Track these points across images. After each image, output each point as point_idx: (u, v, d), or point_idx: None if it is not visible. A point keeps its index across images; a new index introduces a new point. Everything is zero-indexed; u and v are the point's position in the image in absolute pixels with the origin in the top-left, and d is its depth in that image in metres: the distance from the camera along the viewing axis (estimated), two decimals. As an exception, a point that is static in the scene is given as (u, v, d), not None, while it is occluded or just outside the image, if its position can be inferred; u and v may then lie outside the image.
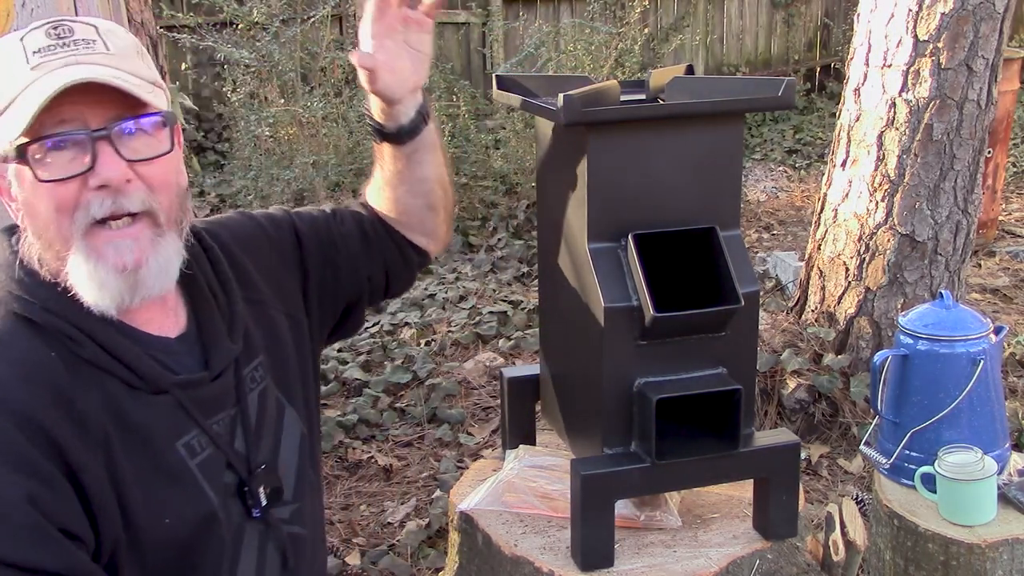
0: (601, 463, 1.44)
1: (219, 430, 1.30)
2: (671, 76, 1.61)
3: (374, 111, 1.52)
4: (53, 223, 1.18)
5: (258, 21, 5.66)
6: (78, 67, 1.17)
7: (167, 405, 1.25)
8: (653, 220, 1.41)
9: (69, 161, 1.17)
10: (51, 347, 1.19)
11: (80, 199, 1.17)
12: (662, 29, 8.42)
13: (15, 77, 1.17)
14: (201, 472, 1.27)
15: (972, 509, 1.80)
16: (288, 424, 1.42)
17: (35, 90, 1.15)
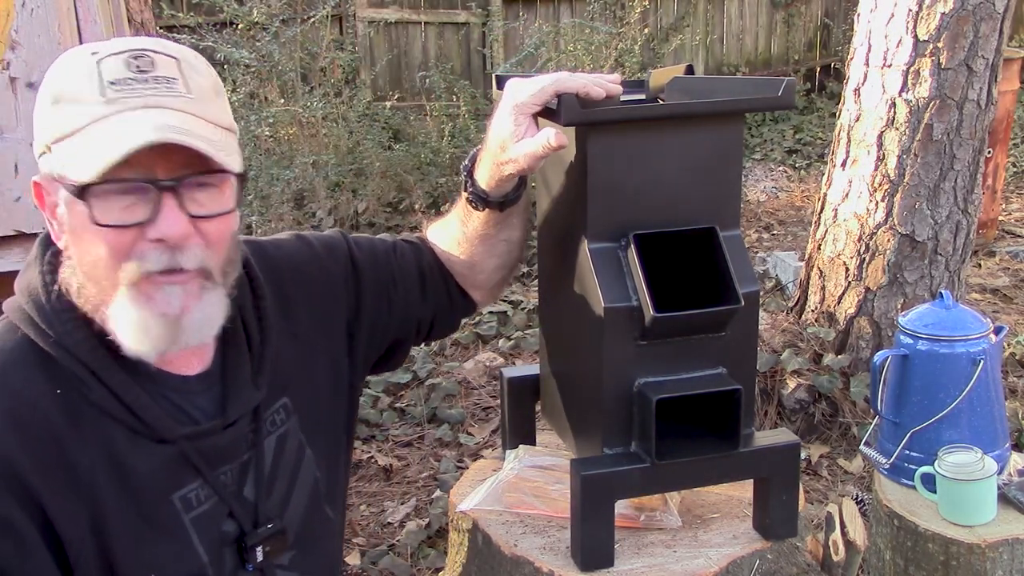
0: (601, 463, 1.44)
1: (226, 480, 1.27)
2: (671, 76, 1.61)
3: (483, 179, 1.43)
4: (103, 266, 1.13)
5: (258, 21, 5.66)
6: (158, 112, 1.11)
7: (169, 455, 1.21)
8: (653, 220, 1.41)
9: (129, 208, 1.11)
10: (57, 383, 1.16)
11: (135, 248, 1.12)
12: (662, 29, 8.42)
13: (86, 102, 1.11)
14: (195, 527, 1.23)
15: (972, 509, 1.80)
16: (304, 469, 1.38)
17: (109, 132, 1.09)
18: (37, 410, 1.14)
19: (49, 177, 1.15)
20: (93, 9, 2.33)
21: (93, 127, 1.10)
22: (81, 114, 1.11)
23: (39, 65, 2.14)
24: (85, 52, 1.14)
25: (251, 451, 1.30)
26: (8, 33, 2.10)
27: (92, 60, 1.13)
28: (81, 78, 1.12)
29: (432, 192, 5.89)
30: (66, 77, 1.13)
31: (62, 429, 1.15)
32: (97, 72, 1.12)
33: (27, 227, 2.17)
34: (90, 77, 1.12)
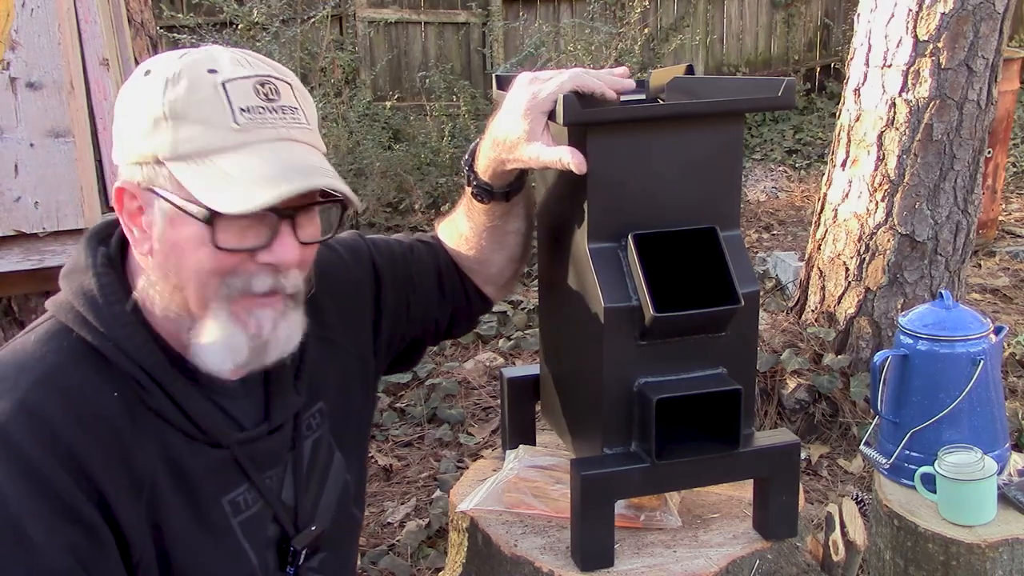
0: (601, 463, 1.43)
1: (271, 484, 1.29)
2: (671, 76, 1.61)
3: (486, 172, 1.44)
4: (200, 282, 1.14)
5: (258, 21, 5.66)
6: (292, 148, 1.14)
7: (221, 459, 1.22)
8: (653, 220, 1.41)
9: (247, 231, 1.13)
10: (114, 386, 1.16)
11: (240, 268, 1.14)
12: (662, 29, 8.42)
13: (216, 126, 1.11)
14: (243, 530, 1.25)
15: (972, 509, 1.80)
16: (334, 472, 1.39)
17: (253, 169, 1.10)
18: (99, 409, 1.14)
19: (145, 187, 1.14)
20: (93, 9, 2.33)
21: (229, 156, 1.11)
22: (212, 138, 1.11)
23: (39, 65, 2.14)
24: (201, 69, 1.13)
25: (290, 455, 1.32)
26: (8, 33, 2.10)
27: (214, 80, 1.12)
28: (206, 99, 1.12)
29: (432, 192, 5.90)
30: (185, 94, 1.12)
31: (123, 430, 1.15)
32: (225, 96, 1.12)
33: (27, 227, 2.17)
34: (217, 100, 1.12)
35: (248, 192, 1.09)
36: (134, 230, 1.17)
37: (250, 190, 1.09)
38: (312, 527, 1.33)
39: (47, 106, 2.15)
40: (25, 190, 2.15)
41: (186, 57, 1.15)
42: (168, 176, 1.12)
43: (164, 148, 1.12)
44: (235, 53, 1.18)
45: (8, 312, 2.56)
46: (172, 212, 1.13)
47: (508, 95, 1.40)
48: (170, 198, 1.12)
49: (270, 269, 1.15)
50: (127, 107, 1.16)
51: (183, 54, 1.17)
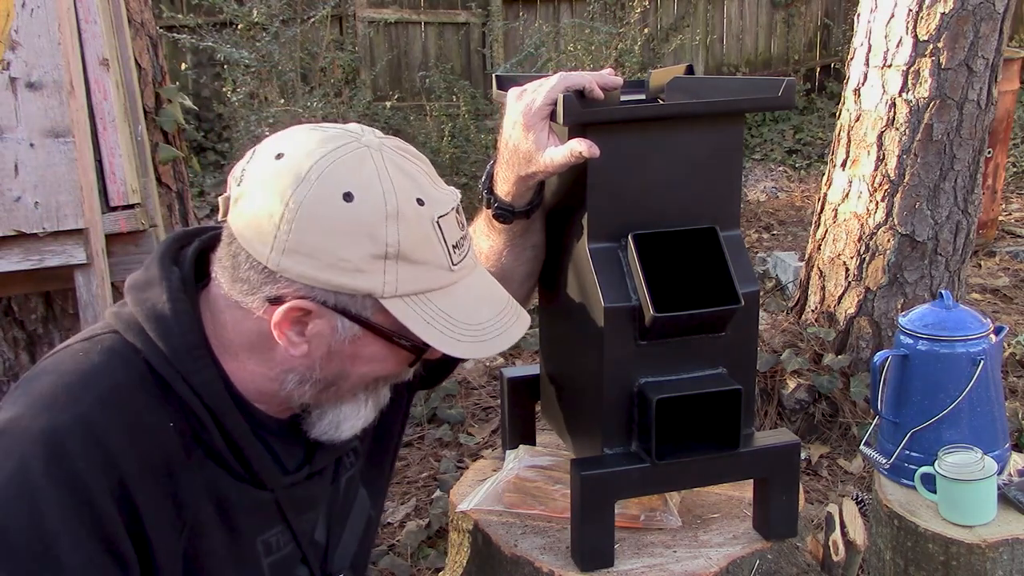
0: (601, 463, 1.44)
1: (305, 527, 1.29)
2: (671, 76, 1.61)
3: (508, 193, 1.44)
4: (363, 384, 1.21)
5: (258, 21, 5.66)
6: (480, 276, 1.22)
7: (264, 501, 1.23)
8: (653, 220, 1.41)
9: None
10: (172, 416, 1.14)
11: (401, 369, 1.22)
12: (662, 29, 8.43)
13: (435, 267, 1.14)
14: (271, 571, 1.26)
15: (972, 509, 1.80)
16: (357, 508, 1.41)
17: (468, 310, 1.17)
18: (156, 438, 1.13)
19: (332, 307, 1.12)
20: (93, 9, 2.33)
21: (443, 295, 1.15)
22: (432, 279, 1.14)
23: (39, 65, 2.14)
24: (411, 199, 1.11)
25: (326, 494, 1.33)
26: (8, 33, 2.10)
27: (430, 216, 1.13)
28: (427, 240, 1.12)
29: (432, 192, 5.89)
30: (407, 235, 1.10)
31: (175, 461, 1.14)
32: (440, 235, 1.14)
33: (27, 227, 2.17)
34: (436, 240, 1.14)
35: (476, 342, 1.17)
36: (289, 336, 1.14)
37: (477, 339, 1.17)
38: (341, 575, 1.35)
39: (47, 106, 2.15)
40: (25, 190, 2.15)
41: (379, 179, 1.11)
42: (373, 305, 1.12)
43: (382, 287, 1.11)
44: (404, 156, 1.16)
45: (8, 312, 2.56)
46: (360, 332, 1.14)
47: (505, 115, 1.40)
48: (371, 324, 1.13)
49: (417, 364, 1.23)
50: (323, 232, 1.09)
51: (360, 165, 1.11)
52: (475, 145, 6.06)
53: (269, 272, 1.11)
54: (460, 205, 1.19)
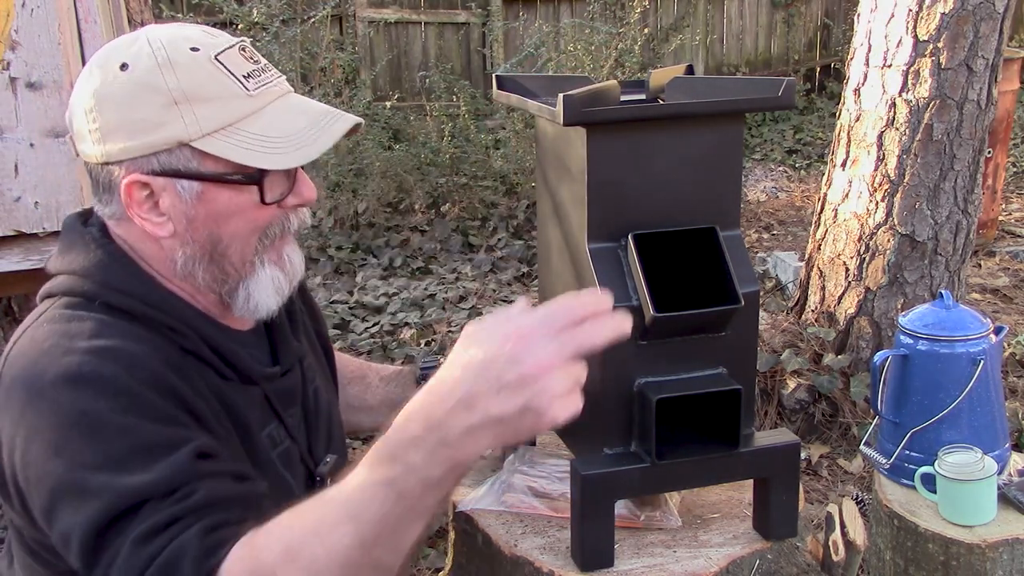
0: (601, 463, 1.44)
1: (292, 423, 1.37)
2: (671, 76, 1.61)
3: None
4: (242, 243, 1.24)
5: (258, 21, 5.66)
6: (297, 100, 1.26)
7: (256, 396, 1.31)
8: (653, 220, 1.41)
9: (280, 183, 1.25)
10: (149, 341, 1.21)
11: (275, 217, 1.26)
12: (662, 29, 8.42)
13: (229, 98, 1.20)
14: (280, 462, 1.33)
15: (972, 509, 1.80)
16: (323, 400, 1.49)
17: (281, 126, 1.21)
18: (153, 348, 1.19)
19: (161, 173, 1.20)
20: (93, 9, 2.33)
21: (255, 121, 1.21)
22: (233, 109, 1.20)
23: (39, 65, 2.14)
24: (182, 49, 1.20)
25: (301, 397, 1.42)
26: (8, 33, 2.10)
27: (206, 56, 1.21)
28: (210, 76, 1.20)
29: (432, 192, 5.90)
30: (188, 77, 1.19)
31: (179, 365, 1.21)
32: (224, 69, 1.21)
33: (27, 227, 2.17)
34: (220, 74, 1.21)
35: (299, 149, 1.21)
36: (150, 218, 1.23)
37: (300, 146, 1.21)
38: (328, 457, 1.43)
39: (47, 106, 2.15)
40: (25, 190, 2.15)
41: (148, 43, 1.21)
42: (192, 155, 1.20)
43: (186, 131, 1.19)
44: (180, 27, 1.25)
45: (8, 312, 2.56)
46: (200, 188, 1.21)
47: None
48: (202, 174, 1.20)
49: (296, 210, 1.28)
50: (115, 105, 1.20)
51: (133, 41, 1.23)
52: (475, 145, 6.06)
53: (103, 167, 1.23)
54: (247, 45, 1.26)
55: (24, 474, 1.14)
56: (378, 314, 4.45)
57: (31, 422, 1.13)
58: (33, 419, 1.13)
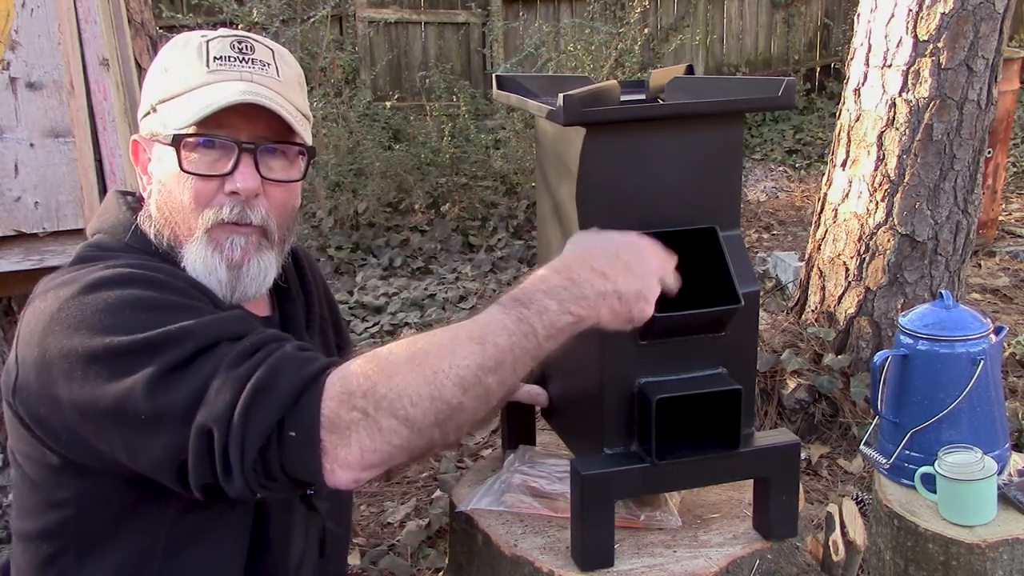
0: (601, 463, 1.44)
1: None
2: (671, 76, 1.61)
3: None
4: (184, 213, 1.30)
5: (258, 21, 5.66)
6: (251, 85, 1.29)
7: None
8: (653, 220, 1.41)
9: (213, 162, 1.29)
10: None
11: (214, 199, 1.30)
12: (662, 29, 8.42)
13: (192, 72, 1.30)
14: None
15: (972, 509, 1.80)
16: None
17: (209, 93, 1.28)
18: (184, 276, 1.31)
19: (148, 136, 1.34)
20: (93, 9, 2.33)
21: (196, 91, 1.29)
22: (187, 79, 1.30)
23: (39, 65, 2.14)
24: (197, 34, 1.34)
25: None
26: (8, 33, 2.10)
27: (202, 40, 1.33)
28: (191, 52, 1.32)
29: (432, 192, 5.89)
30: (178, 51, 1.33)
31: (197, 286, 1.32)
32: (205, 49, 1.31)
33: (27, 227, 2.17)
34: (199, 52, 1.31)
35: (197, 110, 1.26)
36: (143, 178, 1.36)
37: (199, 109, 1.26)
38: None
39: (47, 106, 2.15)
40: (25, 190, 2.15)
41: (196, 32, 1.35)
42: (160, 119, 1.31)
43: (157, 95, 1.32)
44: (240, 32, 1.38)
45: (8, 312, 2.56)
46: (160, 150, 1.31)
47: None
48: (159, 137, 1.31)
49: (236, 199, 1.30)
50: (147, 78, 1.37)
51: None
52: (475, 145, 6.06)
53: None
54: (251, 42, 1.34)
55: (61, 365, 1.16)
56: (378, 314, 4.45)
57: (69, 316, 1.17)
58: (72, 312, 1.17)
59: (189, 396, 1.11)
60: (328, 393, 1.09)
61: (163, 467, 1.13)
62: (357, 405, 1.08)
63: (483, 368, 1.11)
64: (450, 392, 1.09)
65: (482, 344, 1.12)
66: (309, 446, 1.08)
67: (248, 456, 1.08)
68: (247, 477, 1.09)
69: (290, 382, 1.10)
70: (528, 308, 1.15)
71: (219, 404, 1.09)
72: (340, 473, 1.09)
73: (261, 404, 1.09)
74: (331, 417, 1.08)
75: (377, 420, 1.08)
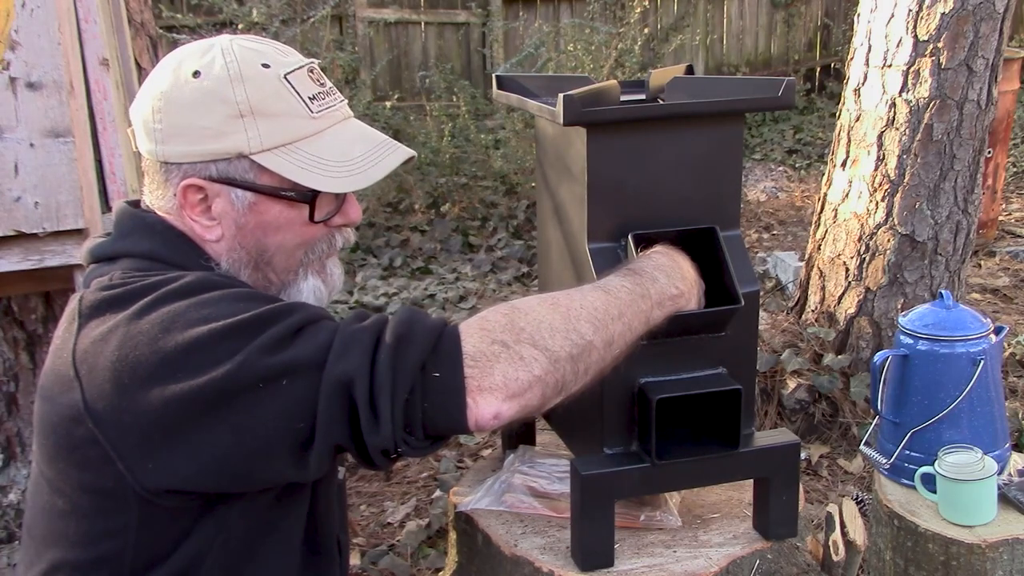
0: (601, 463, 1.44)
1: None
2: (671, 76, 1.61)
3: None
4: (287, 254, 1.28)
5: (258, 21, 5.66)
6: (356, 126, 1.32)
7: None
8: (653, 220, 1.41)
9: (329, 203, 1.28)
10: None
11: (322, 234, 1.30)
12: (662, 29, 8.42)
13: (295, 120, 1.24)
14: None
15: (972, 509, 1.80)
16: None
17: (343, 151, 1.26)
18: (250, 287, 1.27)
19: (217, 180, 1.24)
20: (93, 9, 2.33)
21: (314, 142, 1.25)
22: (295, 128, 1.24)
23: (39, 65, 2.14)
24: (255, 65, 1.24)
25: None
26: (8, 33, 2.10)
27: (275, 74, 1.24)
28: (277, 94, 1.24)
29: (432, 192, 5.89)
30: (256, 92, 1.22)
31: None
32: (291, 88, 1.25)
33: (27, 227, 2.17)
34: (287, 93, 1.24)
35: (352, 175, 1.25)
36: (200, 220, 1.26)
37: (353, 172, 1.25)
38: None
39: (47, 106, 2.15)
40: (25, 190, 2.15)
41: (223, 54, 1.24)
42: (250, 167, 1.23)
43: (247, 143, 1.22)
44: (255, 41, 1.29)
45: (8, 312, 2.56)
46: (253, 198, 1.25)
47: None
48: (257, 186, 1.24)
49: (341, 229, 1.32)
50: (182, 109, 1.22)
51: (208, 49, 1.25)
52: (475, 145, 6.06)
53: (162, 164, 1.25)
54: (315, 67, 1.29)
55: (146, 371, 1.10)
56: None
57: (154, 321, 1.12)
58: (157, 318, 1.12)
59: (315, 348, 1.10)
60: (467, 332, 1.13)
61: (278, 438, 1.10)
62: (497, 338, 1.13)
63: (609, 314, 1.22)
64: (584, 327, 1.18)
65: (607, 293, 1.24)
66: (453, 382, 1.11)
67: (398, 402, 1.09)
68: (395, 426, 1.09)
69: (426, 328, 1.13)
70: (642, 277, 1.29)
71: (356, 354, 1.10)
72: (484, 407, 1.11)
73: (403, 350, 1.10)
74: (472, 353, 1.12)
75: (518, 350, 1.13)
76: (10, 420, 2.64)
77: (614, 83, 1.51)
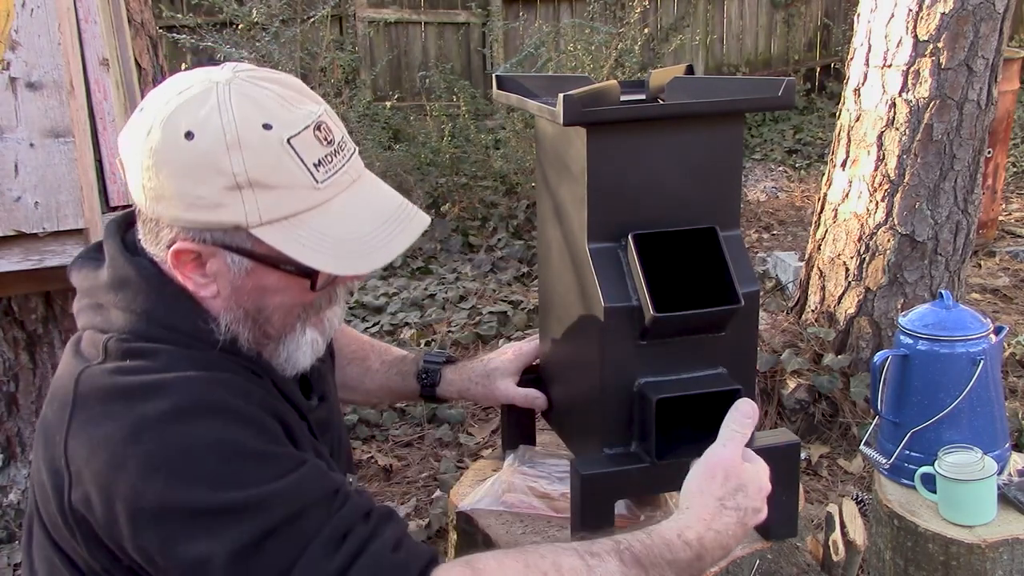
0: (601, 463, 1.44)
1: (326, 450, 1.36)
2: (671, 76, 1.61)
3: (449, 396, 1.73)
4: (286, 312, 1.22)
5: (258, 21, 5.66)
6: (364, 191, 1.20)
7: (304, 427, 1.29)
8: (653, 220, 1.41)
9: None
10: (234, 368, 1.21)
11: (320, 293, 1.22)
12: (662, 29, 8.42)
13: (299, 193, 1.13)
14: None
15: (972, 509, 1.80)
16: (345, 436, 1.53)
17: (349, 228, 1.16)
18: (255, 392, 1.19)
19: (212, 244, 1.15)
20: (93, 9, 2.33)
21: (316, 216, 1.14)
22: (296, 201, 1.13)
23: (39, 65, 2.14)
24: (255, 126, 1.11)
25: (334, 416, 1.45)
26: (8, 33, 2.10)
27: (278, 138, 1.12)
28: (279, 163, 1.12)
29: (432, 192, 5.90)
30: (255, 161, 1.11)
31: (274, 404, 1.22)
32: (295, 155, 1.13)
33: (27, 227, 2.17)
34: (290, 161, 1.12)
35: (359, 257, 1.16)
36: (194, 278, 1.19)
37: (359, 254, 1.16)
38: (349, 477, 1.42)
39: (47, 106, 2.15)
40: (25, 190, 2.15)
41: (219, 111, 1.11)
42: (247, 238, 1.14)
43: (245, 217, 1.12)
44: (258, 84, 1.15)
45: (8, 312, 2.56)
46: (251, 265, 1.16)
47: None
48: (256, 255, 1.15)
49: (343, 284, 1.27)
50: (174, 174, 1.12)
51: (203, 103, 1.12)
52: (475, 145, 6.06)
53: (154, 221, 1.17)
54: (325, 120, 1.16)
55: (128, 506, 1.08)
56: (378, 314, 4.45)
57: (145, 452, 1.08)
58: (149, 449, 1.08)
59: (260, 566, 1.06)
60: None
61: None
62: None
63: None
64: None
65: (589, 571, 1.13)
66: None
67: None
68: None
69: None
70: (647, 573, 1.17)
71: None
72: None
73: None
74: None
75: None
76: (10, 420, 2.64)
77: (614, 83, 1.50)
